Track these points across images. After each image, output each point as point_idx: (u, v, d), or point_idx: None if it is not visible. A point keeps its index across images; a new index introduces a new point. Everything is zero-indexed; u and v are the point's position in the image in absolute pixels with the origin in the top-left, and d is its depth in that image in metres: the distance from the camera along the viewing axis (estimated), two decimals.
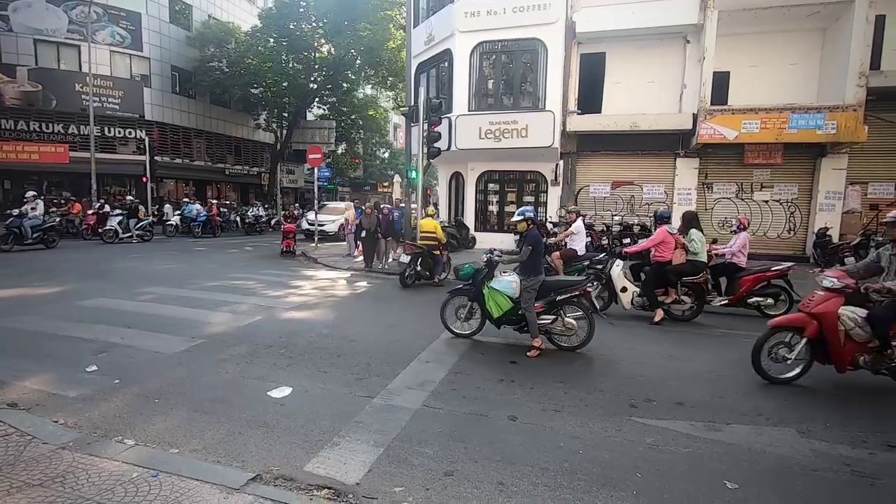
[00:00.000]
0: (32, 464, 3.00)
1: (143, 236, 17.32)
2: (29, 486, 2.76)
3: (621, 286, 7.15)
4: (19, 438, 3.28)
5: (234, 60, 26.22)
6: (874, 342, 4.49)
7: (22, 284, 8.51)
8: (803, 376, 4.85)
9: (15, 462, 3.01)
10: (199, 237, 19.76)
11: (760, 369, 4.83)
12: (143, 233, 17.29)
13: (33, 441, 3.26)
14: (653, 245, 7.26)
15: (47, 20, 22.18)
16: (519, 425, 3.87)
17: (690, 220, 7.42)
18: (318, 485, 2.99)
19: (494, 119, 14.77)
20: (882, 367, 4.56)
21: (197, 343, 5.66)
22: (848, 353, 4.57)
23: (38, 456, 3.09)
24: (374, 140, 39.61)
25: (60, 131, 22.71)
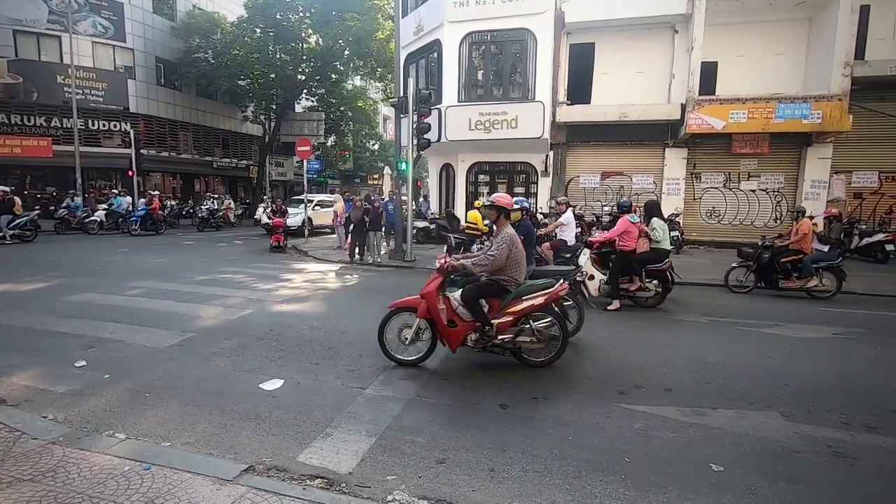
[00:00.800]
0: (22, 459, 2.99)
1: (23, 236, 14.68)
2: (20, 482, 2.76)
3: (589, 274, 7.27)
4: (8, 434, 3.27)
5: (220, 52, 25.84)
6: (478, 321, 4.65)
7: (6, 280, 8.38)
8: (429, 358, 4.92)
9: (4, 457, 3.00)
10: (136, 234, 17.52)
11: (385, 350, 4.89)
12: (20, 231, 14.67)
13: (23, 437, 3.25)
14: (616, 235, 7.47)
15: (26, 10, 21.66)
16: (510, 413, 3.92)
17: (652, 209, 7.66)
18: (310, 475, 3.01)
19: (484, 110, 14.73)
20: (486, 345, 4.73)
21: (187, 337, 5.64)
22: (461, 332, 4.70)
23: (27, 451, 3.08)
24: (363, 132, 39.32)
25: (43, 124, 22.29)
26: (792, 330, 6.53)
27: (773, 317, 7.22)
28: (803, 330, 6.55)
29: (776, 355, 5.48)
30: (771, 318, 7.17)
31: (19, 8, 21.54)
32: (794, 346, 5.88)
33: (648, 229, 7.31)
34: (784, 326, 6.68)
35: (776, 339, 6.16)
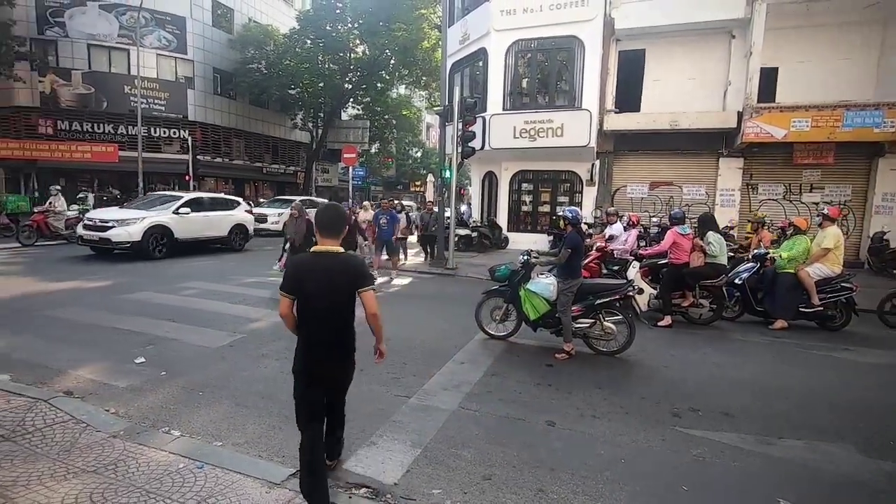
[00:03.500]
0: (87, 451, 3.13)
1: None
2: (84, 473, 2.88)
3: (638, 288, 6.98)
4: (75, 426, 3.43)
5: (273, 62, 26.84)
6: None
7: (75, 277, 8.92)
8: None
9: (71, 448, 3.15)
10: None
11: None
12: None
13: (87, 429, 3.41)
14: (665, 248, 7.18)
15: (100, 26, 23.27)
16: (557, 431, 3.79)
17: (707, 222, 7.31)
18: (356, 483, 3.01)
19: (529, 118, 14.59)
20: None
21: (238, 338, 5.80)
22: None
23: (91, 443, 3.22)
24: (407, 139, 39.83)
25: (110, 131, 23.79)
26: (866, 355, 6.05)
27: (840, 339, 6.72)
28: (880, 355, 6.06)
29: (848, 382, 5.09)
30: (839, 340, 6.67)
31: (94, 24, 23.17)
32: (869, 372, 5.45)
33: (703, 243, 6.97)
34: (856, 351, 6.20)
35: (848, 364, 5.73)
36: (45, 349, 5.12)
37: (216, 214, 13.11)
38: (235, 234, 13.66)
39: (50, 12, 22.58)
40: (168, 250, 11.60)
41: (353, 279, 2.68)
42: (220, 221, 13.21)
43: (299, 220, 7.76)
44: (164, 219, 11.67)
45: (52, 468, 2.90)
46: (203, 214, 12.62)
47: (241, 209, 14.17)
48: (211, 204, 13.25)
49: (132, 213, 11.49)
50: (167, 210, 11.89)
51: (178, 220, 11.86)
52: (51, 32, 22.73)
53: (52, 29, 22.72)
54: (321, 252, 2.68)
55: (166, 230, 11.61)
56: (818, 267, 7.05)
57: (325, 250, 2.68)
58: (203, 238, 12.77)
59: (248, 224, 14.15)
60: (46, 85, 22.65)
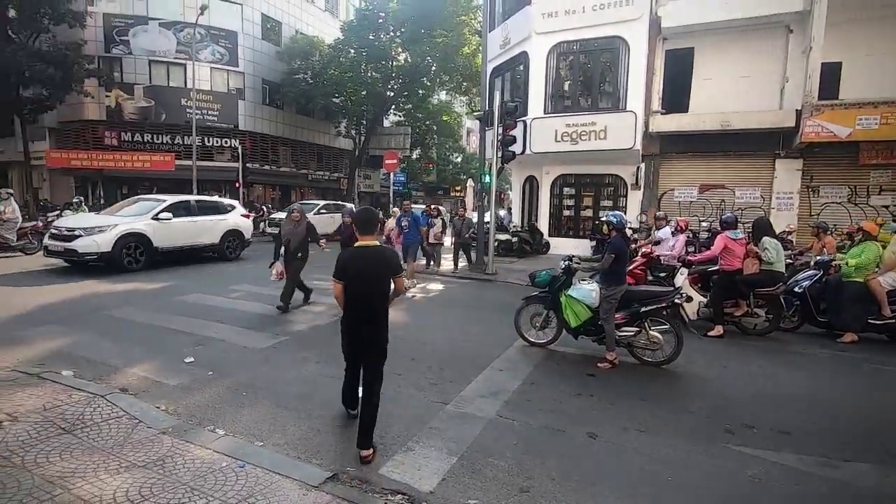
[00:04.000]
0: (138, 446, 3.27)
1: None
2: (135, 467, 3.01)
3: (686, 296, 6.64)
4: (128, 421, 3.60)
5: (318, 72, 27.65)
6: None
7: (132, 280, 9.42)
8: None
9: (124, 443, 3.30)
10: None
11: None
12: None
13: (139, 425, 3.56)
14: (715, 254, 6.81)
15: (159, 42, 24.73)
16: (599, 444, 3.65)
17: (762, 227, 6.88)
18: (392, 489, 2.99)
19: (571, 121, 14.33)
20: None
21: (280, 340, 5.95)
22: None
23: (143, 439, 3.37)
24: (447, 145, 40.01)
25: (168, 142, 25.19)
26: None
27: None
28: None
29: None
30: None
31: (154, 41, 24.66)
32: None
33: (759, 249, 6.58)
34: None
35: None
36: (104, 347, 5.42)
37: (205, 220, 11.86)
38: (229, 242, 12.40)
39: (116, 31, 24.21)
40: (147, 261, 10.35)
41: (387, 267, 3.39)
42: (210, 228, 11.93)
43: (300, 223, 7.33)
44: (141, 226, 10.28)
45: (106, 461, 3.05)
46: (189, 220, 11.39)
47: (236, 213, 12.88)
48: (199, 208, 11.98)
49: (102, 221, 10.21)
50: (145, 216, 10.56)
51: (157, 227, 10.52)
52: (116, 50, 24.35)
53: (117, 47, 24.34)
54: (362, 246, 3.38)
55: (143, 238, 10.26)
56: (892, 276, 6.51)
57: (365, 244, 3.38)
58: (190, 246, 11.46)
59: (244, 230, 12.95)
60: (112, 99, 24.27)
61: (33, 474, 2.85)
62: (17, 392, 3.94)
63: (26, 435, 3.30)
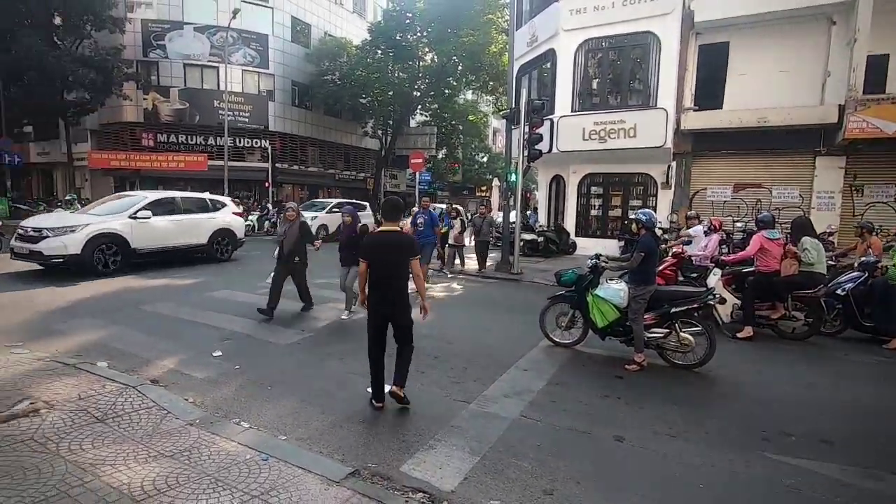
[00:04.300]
0: (167, 436, 3.33)
1: None
2: (163, 457, 3.06)
3: (719, 297, 6.38)
4: (158, 412, 3.68)
5: (346, 73, 27.99)
6: None
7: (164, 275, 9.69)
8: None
9: (153, 433, 3.37)
10: None
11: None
12: None
13: (168, 416, 3.64)
14: (751, 254, 6.55)
15: (193, 46, 25.48)
16: (626, 448, 3.54)
17: (802, 227, 6.60)
18: (413, 487, 2.96)
19: (599, 119, 14.06)
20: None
21: (305, 336, 6.01)
22: None
23: (171, 429, 3.43)
24: (473, 144, 39.93)
25: (201, 142, 25.92)
26: None
27: None
28: None
29: None
30: None
31: (188, 45, 25.43)
32: None
33: (798, 249, 6.30)
34: None
35: None
36: (137, 340, 5.58)
37: (192, 218, 11.00)
38: (218, 242, 11.59)
39: (153, 36, 25.06)
40: (123, 264, 9.52)
41: (405, 251, 3.87)
42: (196, 227, 11.08)
43: (294, 223, 6.80)
44: (116, 225, 9.44)
45: (135, 450, 3.12)
46: (172, 219, 10.52)
47: (227, 211, 12.03)
48: (185, 206, 11.08)
49: (72, 220, 9.42)
50: (121, 214, 9.72)
51: (135, 227, 9.67)
52: (153, 54, 25.21)
53: (154, 51, 25.19)
54: (385, 231, 3.94)
55: (118, 239, 9.42)
56: None
57: (388, 230, 3.93)
58: (173, 247, 10.60)
59: (236, 229, 12.08)
60: (149, 102, 25.13)
61: (66, 461, 2.94)
62: (55, 381, 4.08)
63: (61, 422, 3.40)
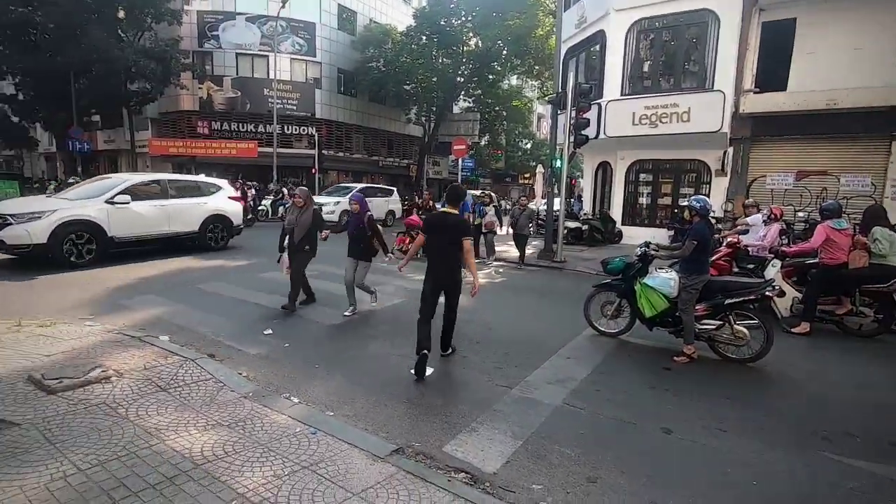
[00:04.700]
0: (223, 407, 3.52)
1: None
2: (220, 426, 3.24)
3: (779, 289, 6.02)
4: (214, 385, 3.88)
5: (391, 60, 28.12)
6: None
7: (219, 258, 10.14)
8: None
9: (210, 403, 3.56)
10: None
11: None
12: None
13: (224, 388, 3.83)
14: (816, 245, 6.10)
15: (245, 36, 26.27)
16: (675, 440, 3.44)
17: (874, 216, 6.12)
18: (455, 467, 3.00)
19: (651, 103, 13.50)
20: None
21: (351, 318, 6.16)
22: None
23: (226, 401, 3.62)
24: (516, 131, 39.36)
25: (251, 130, 26.82)
26: None
27: None
28: None
29: None
30: None
31: (240, 35, 26.23)
32: None
33: (869, 239, 5.86)
34: None
35: None
36: (195, 317, 5.90)
37: (180, 203, 10.00)
38: (212, 229, 10.73)
39: (208, 27, 26.00)
40: (99, 255, 8.63)
41: (459, 231, 4.45)
42: (185, 212, 10.08)
43: (305, 210, 6.25)
44: (90, 211, 8.52)
45: (195, 418, 3.31)
46: (156, 204, 9.56)
47: (222, 196, 11.07)
48: (172, 190, 10.08)
49: (38, 206, 8.49)
50: (97, 199, 8.78)
51: (112, 213, 8.75)
52: (208, 45, 26.18)
53: (209, 42, 26.16)
54: (445, 212, 4.61)
55: (92, 227, 8.50)
56: None
57: (448, 212, 4.57)
58: (158, 235, 9.68)
59: (231, 215, 11.19)
60: (204, 91, 26.18)
61: (134, 424, 3.16)
62: (123, 352, 4.38)
63: (129, 390, 3.66)
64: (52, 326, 5.02)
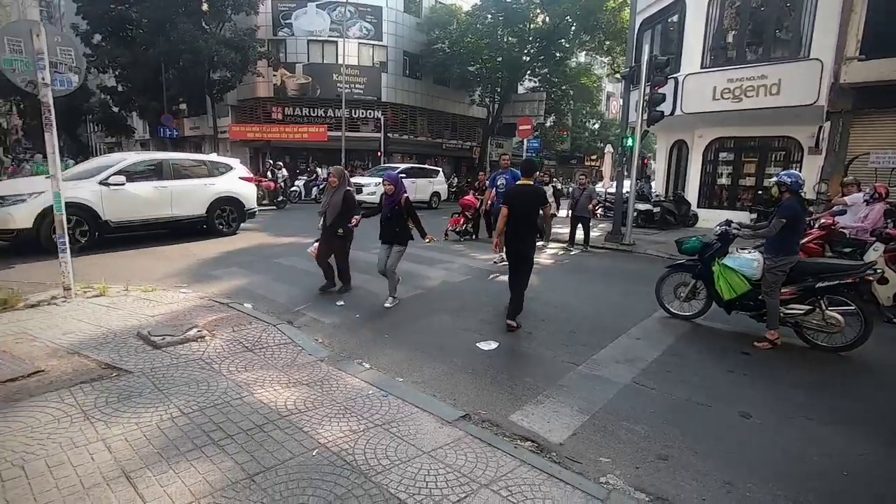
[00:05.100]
0: (302, 368, 3.77)
1: None
2: (300, 384, 3.48)
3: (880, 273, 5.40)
4: (293, 348, 4.17)
5: (455, 40, 27.91)
6: None
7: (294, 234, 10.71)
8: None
9: (291, 364, 3.83)
10: None
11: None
12: None
13: (302, 352, 4.10)
14: None
15: (315, 23, 27.07)
16: (753, 424, 3.28)
17: None
18: (521, 436, 3.05)
19: (735, 76, 12.52)
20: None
21: (417, 293, 6.34)
22: None
23: (305, 363, 3.87)
24: (584, 111, 37.95)
25: (321, 115, 27.77)
26: None
27: None
28: None
29: None
30: None
31: (311, 22, 27.08)
32: None
33: None
34: None
35: None
36: (274, 288, 6.32)
37: (183, 185, 9.28)
38: (220, 212, 10.00)
39: (281, 16, 27.05)
40: (92, 240, 8.05)
41: (537, 200, 4.96)
42: (189, 195, 9.37)
43: (338, 189, 5.96)
44: (82, 193, 7.88)
45: (278, 377, 3.58)
46: (157, 185, 8.86)
47: (232, 176, 10.25)
48: (175, 170, 9.24)
49: (24, 187, 7.82)
50: (90, 180, 8.14)
51: (107, 195, 8.14)
52: (281, 33, 27.26)
53: (282, 30, 27.23)
54: (523, 184, 5.04)
55: (84, 210, 7.90)
56: None
57: (525, 183, 5.03)
58: (159, 219, 8.98)
59: (243, 198, 10.36)
60: (278, 78, 27.36)
61: (227, 378, 3.48)
62: (214, 316, 4.80)
63: (220, 348, 4.01)
64: (153, 292, 5.58)
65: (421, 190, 18.30)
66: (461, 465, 2.60)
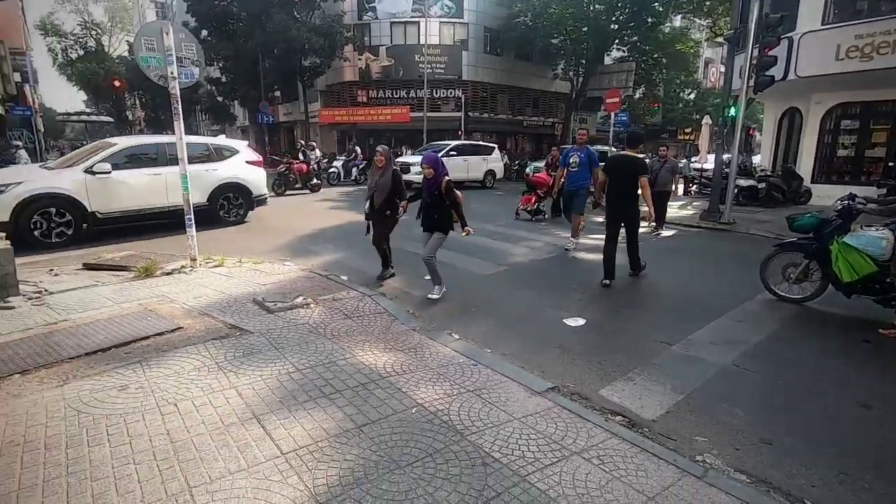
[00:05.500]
0: (397, 336, 4.02)
1: None
2: (395, 350, 3.73)
3: None
4: (388, 317, 4.44)
5: (538, 12, 26.98)
6: None
7: None
8: None
9: (386, 332, 4.10)
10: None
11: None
12: None
13: (395, 321, 4.36)
14: None
15: (398, 5, 27.45)
16: (874, 417, 3.02)
17: None
18: (612, 410, 3.06)
19: (864, 31, 10.96)
20: None
21: (501, 270, 6.42)
22: None
23: (399, 332, 4.12)
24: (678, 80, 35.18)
25: (404, 96, 28.34)
26: None
27: None
28: None
29: None
30: None
31: (394, 4, 27.51)
32: None
33: None
34: None
35: None
36: (366, 262, 6.68)
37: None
38: (224, 200, 9.20)
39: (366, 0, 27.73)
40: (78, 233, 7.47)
41: (636, 169, 5.47)
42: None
43: (385, 169, 5.49)
44: (65, 183, 7.35)
45: (376, 342, 3.86)
46: (151, 172, 8.11)
47: (237, 160, 9.41)
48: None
49: (7, 176, 7.38)
50: (74, 169, 7.60)
51: (92, 185, 7.52)
52: (366, 17, 27.99)
53: (367, 14, 27.94)
54: (624, 153, 5.68)
55: (67, 201, 7.33)
56: None
57: (627, 153, 5.63)
58: (153, 209, 8.19)
59: (250, 184, 9.47)
60: (363, 62, 28.25)
61: (331, 341, 3.81)
62: (315, 286, 5.23)
63: (324, 315, 4.38)
64: (262, 264, 6.18)
65: (474, 168, 17.21)
66: (552, 432, 2.68)
